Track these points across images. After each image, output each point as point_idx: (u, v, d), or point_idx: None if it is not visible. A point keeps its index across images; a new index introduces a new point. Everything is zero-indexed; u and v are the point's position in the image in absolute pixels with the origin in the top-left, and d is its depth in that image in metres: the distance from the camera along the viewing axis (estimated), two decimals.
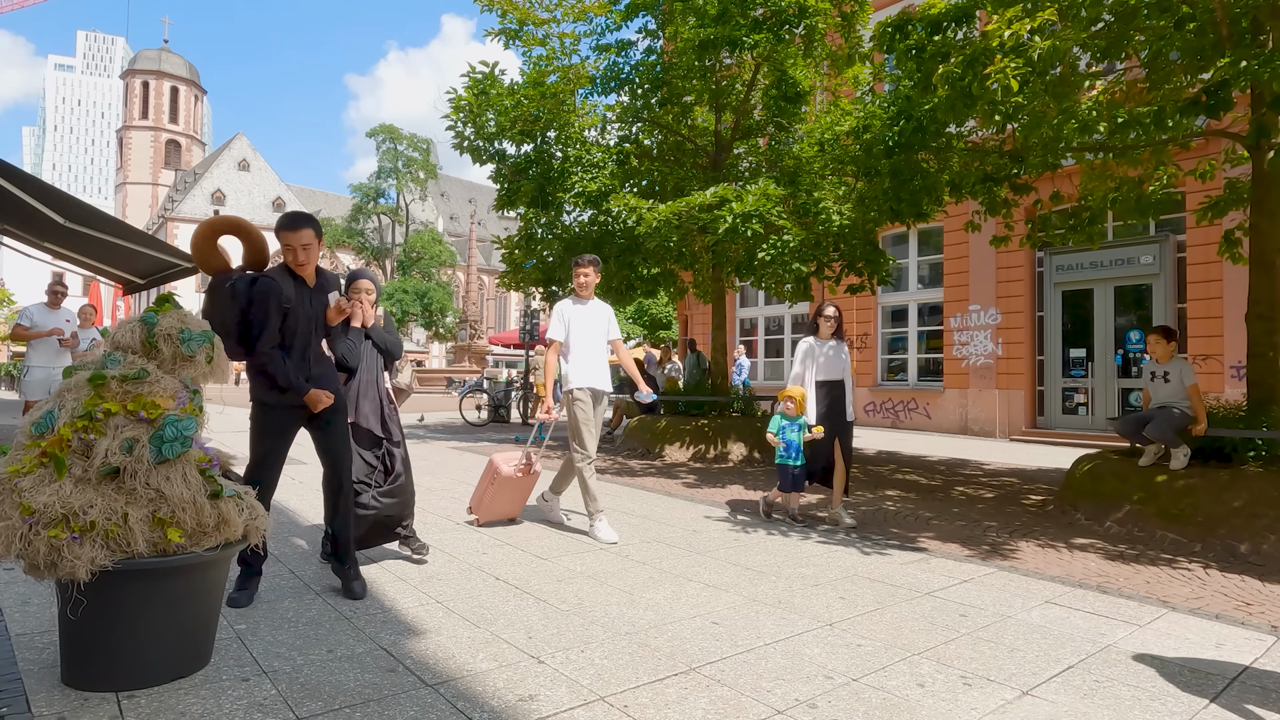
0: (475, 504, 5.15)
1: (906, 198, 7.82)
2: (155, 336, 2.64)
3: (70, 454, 2.39)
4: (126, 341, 2.65)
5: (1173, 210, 11.45)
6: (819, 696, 2.47)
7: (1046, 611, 3.46)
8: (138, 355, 2.63)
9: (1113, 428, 5.94)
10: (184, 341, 2.66)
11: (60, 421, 2.43)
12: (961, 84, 5.61)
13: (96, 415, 2.43)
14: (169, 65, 73.30)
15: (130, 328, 2.67)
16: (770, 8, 8.56)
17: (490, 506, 5.06)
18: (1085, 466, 6.21)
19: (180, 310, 2.78)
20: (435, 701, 2.36)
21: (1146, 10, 5.51)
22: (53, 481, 2.33)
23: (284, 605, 3.26)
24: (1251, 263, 5.88)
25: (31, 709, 2.20)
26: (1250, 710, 2.45)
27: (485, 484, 5.09)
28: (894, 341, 16.61)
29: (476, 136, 9.72)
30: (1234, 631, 3.25)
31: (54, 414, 2.46)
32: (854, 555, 4.50)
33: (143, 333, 2.64)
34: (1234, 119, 6.18)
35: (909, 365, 16.23)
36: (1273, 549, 4.61)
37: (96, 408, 2.44)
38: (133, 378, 2.50)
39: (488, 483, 5.05)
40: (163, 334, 2.64)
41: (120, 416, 2.46)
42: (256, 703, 2.30)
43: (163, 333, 2.65)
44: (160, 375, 2.57)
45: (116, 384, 2.49)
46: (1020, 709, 2.41)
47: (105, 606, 2.31)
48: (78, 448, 2.39)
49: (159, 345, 2.64)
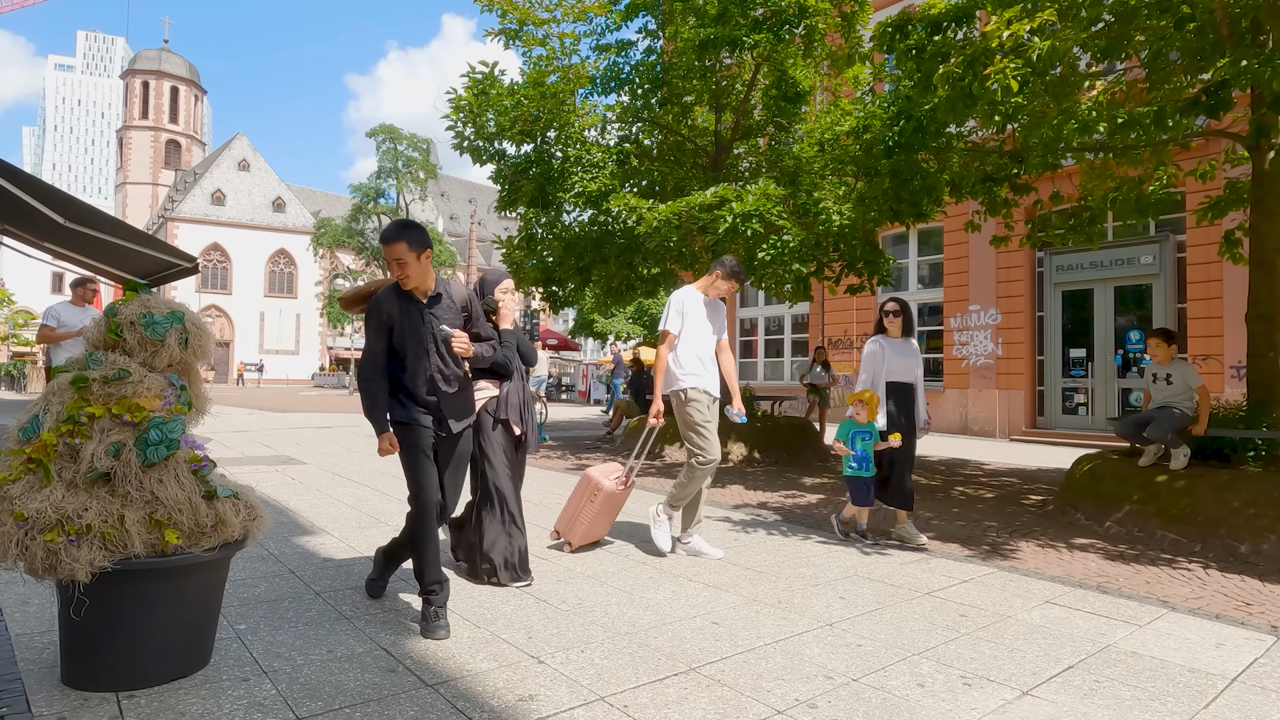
0: (565, 527, 4.45)
1: (906, 198, 7.83)
2: (118, 326, 2.54)
3: (57, 458, 2.35)
4: (97, 337, 2.58)
5: (1173, 210, 11.45)
6: (819, 696, 2.47)
7: (1046, 611, 3.46)
8: (111, 350, 2.56)
9: (1113, 429, 5.94)
10: (147, 326, 2.55)
11: (45, 426, 2.39)
12: (961, 84, 5.61)
13: (80, 419, 2.39)
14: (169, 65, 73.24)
15: (99, 322, 2.61)
16: (770, 8, 8.56)
17: (588, 529, 4.39)
18: (1085, 466, 6.21)
19: (145, 297, 2.66)
20: (435, 701, 2.36)
21: (1146, 10, 5.51)
22: (43, 487, 2.30)
23: (284, 605, 3.26)
24: (1251, 263, 5.89)
25: (31, 709, 2.20)
26: (1250, 710, 2.44)
27: (582, 503, 4.37)
28: None
29: (477, 136, 9.72)
30: (1234, 632, 3.25)
31: (39, 418, 2.43)
32: (854, 555, 4.50)
33: (106, 323, 2.56)
34: (1234, 119, 6.18)
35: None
36: (1273, 549, 4.60)
37: (80, 411, 2.40)
38: (113, 379, 2.45)
39: (585, 500, 4.36)
40: (125, 321, 2.55)
41: (106, 419, 2.42)
42: (256, 703, 2.30)
43: (124, 320, 2.55)
44: (143, 374, 2.51)
45: (99, 386, 2.44)
46: (1020, 709, 2.41)
47: (105, 607, 2.31)
48: (64, 452, 2.36)
49: (124, 334, 2.54)
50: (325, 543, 4.48)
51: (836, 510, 5.24)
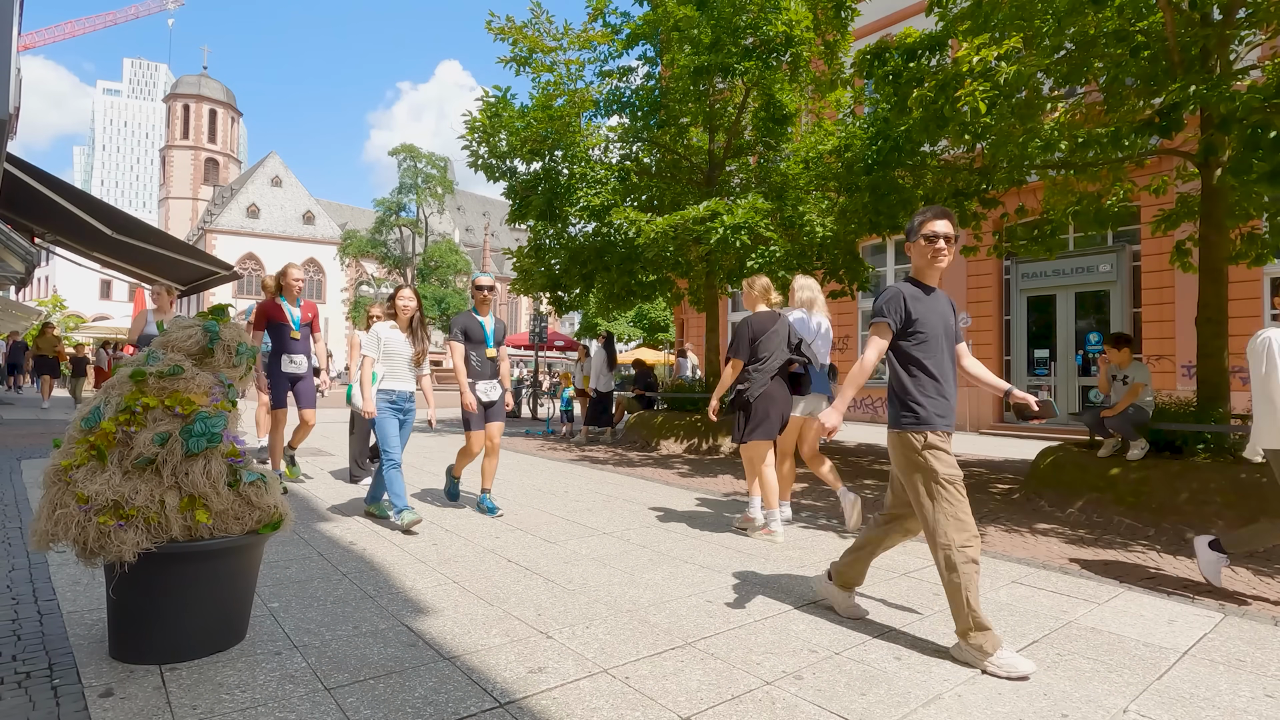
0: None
1: (884, 211, 7.82)
2: (215, 345, 2.70)
3: (116, 446, 2.39)
4: (183, 344, 2.66)
5: (1129, 222, 11.46)
6: (804, 669, 2.47)
7: (1013, 591, 3.46)
8: (190, 356, 2.64)
9: (1078, 420, 5.93)
10: (238, 353, 2.74)
11: (105, 416, 2.43)
12: (935, 106, 5.61)
13: (136, 409, 2.43)
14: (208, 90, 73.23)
15: (189, 332, 2.69)
16: (759, 37, 8.55)
17: None
18: (1048, 458, 6.20)
19: (235, 325, 2.83)
20: (452, 674, 2.35)
21: (1105, 39, 5.51)
22: (102, 472, 2.32)
23: (313, 586, 3.26)
24: (1201, 271, 5.88)
25: (82, 679, 2.20)
26: (1200, 681, 2.44)
27: None
28: None
29: (490, 155, 9.73)
30: (1185, 609, 3.25)
31: (100, 409, 2.46)
32: (836, 540, 4.50)
33: (205, 339, 2.69)
34: (1185, 139, 6.19)
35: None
36: (1220, 533, 4.59)
37: (136, 402, 2.44)
38: (169, 374, 2.50)
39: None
40: (223, 344, 2.72)
41: (159, 410, 2.46)
42: (288, 674, 2.30)
43: (224, 343, 2.72)
44: (195, 371, 2.58)
45: (155, 380, 2.49)
46: (989, 680, 2.40)
47: (149, 586, 2.31)
48: (122, 440, 2.39)
49: (216, 352, 2.69)
50: (351, 527, 4.48)
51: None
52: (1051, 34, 5.48)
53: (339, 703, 2.12)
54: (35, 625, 2.63)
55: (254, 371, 2.89)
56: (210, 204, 65.74)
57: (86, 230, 8.36)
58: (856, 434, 12.73)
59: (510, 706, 2.13)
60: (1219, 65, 5.44)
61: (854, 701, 2.23)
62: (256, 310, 5.78)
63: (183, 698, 2.11)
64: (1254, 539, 3.41)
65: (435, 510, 5.12)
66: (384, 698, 2.16)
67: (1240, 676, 2.49)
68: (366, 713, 2.06)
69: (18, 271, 7.68)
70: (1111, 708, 2.22)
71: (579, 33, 9.52)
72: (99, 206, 8.03)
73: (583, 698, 2.20)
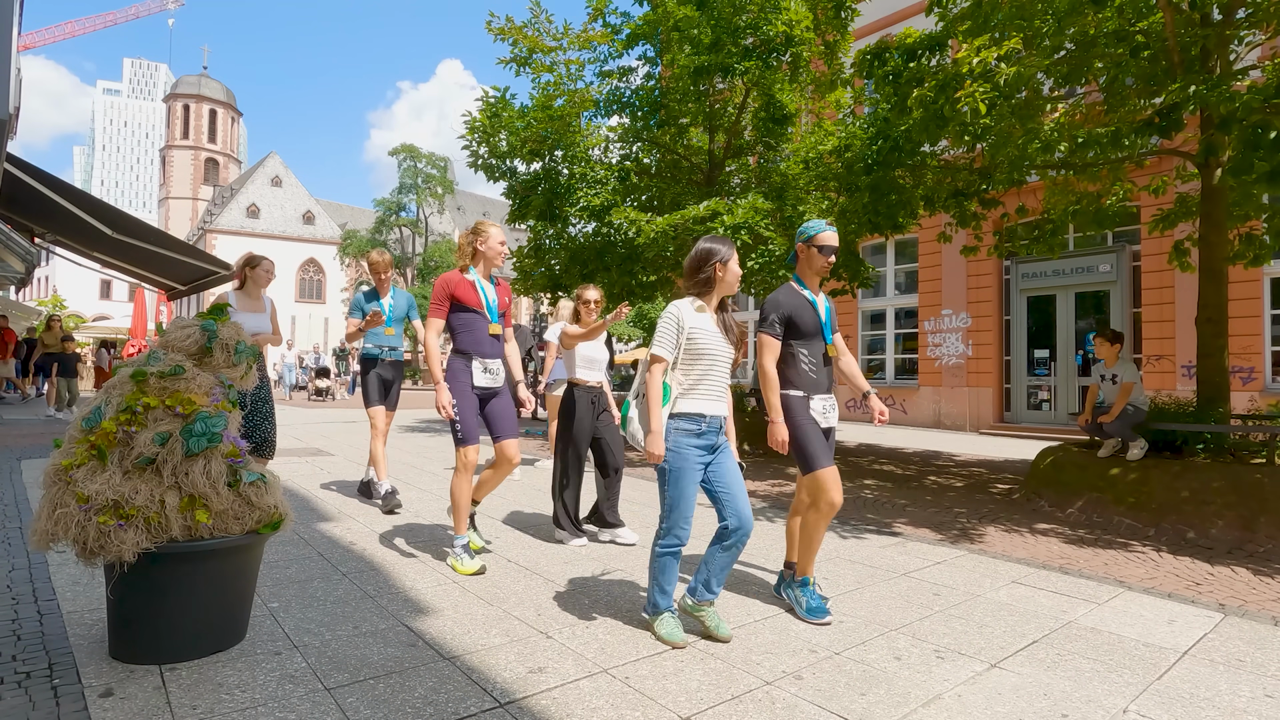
0: None
1: (884, 211, 7.82)
2: (213, 344, 2.70)
3: (116, 446, 2.39)
4: (182, 344, 2.67)
5: (1128, 222, 11.47)
6: (804, 669, 2.47)
7: (1013, 591, 3.46)
8: (189, 356, 2.64)
9: (1077, 421, 5.93)
10: (237, 352, 2.75)
11: (106, 415, 2.43)
12: (934, 107, 5.61)
13: (137, 409, 2.43)
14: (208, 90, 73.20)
15: (188, 332, 2.70)
16: (759, 37, 8.55)
17: None
18: (1048, 458, 6.20)
19: (235, 323, 2.85)
20: (452, 674, 2.35)
21: (1104, 39, 5.51)
22: (102, 472, 2.32)
23: (313, 586, 3.26)
24: (1200, 271, 5.88)
25: (82, 679, 2.20)
26: (1200, 681, 2.44)
27: None
28: (873, 343, 16.60)
29: (490, 155, 9.72)
30: (1185, 609, 3.24)
31: (101, 409, 2.45)
32: (835, 539, 4.50)
33: (203, 339, 2.69)
34: (1185, 139, 6.19)
35: (887, 365, 16.22)
36: (1220, 533, 4.60)
37: (137, 402, 2.44)
38: (170, 374, 2.51)
39: None
40: (222, 343, 2.73)
41: (159, 410, 2.46)
42: (288, 674, 2.30)
43: (222, 342, 2.73)
44: (196, 372, 2.58)
45: (156, 380, 2.50)
46: (989, 680, 2.41)
47: (149, 586, 2.31)
48: (123, 439, 2.39)
49: (215, 351, 2.70)
50: (350, 528, 4.48)
51: None
52: (1051, 34, 5.47)
53: (339, 703, 2.12)
54: (35, 625, 2.63)
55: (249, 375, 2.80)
56: (210, 204, 65.72)
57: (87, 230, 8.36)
58: (857, 434, 12.73)
59: (510, 706, 2.13)
60: (1219, 65, 5.44)
61: (854, 701, 2.22)
62: (438, 286, 3.56)
63: (182, 698, 2.11)
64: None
65: (436, 511, 5.12)
66: (384, 698, 2.16)
67: (1240, 676, 2.49)
68: (366, 713, 2.06)
69: (18, 271, 7.68)
70: (1111, 708, 2.22)
71: (579, 33, 9.51)
72: (99, 206, 8.03)
73: (583, 698, 2.20)
